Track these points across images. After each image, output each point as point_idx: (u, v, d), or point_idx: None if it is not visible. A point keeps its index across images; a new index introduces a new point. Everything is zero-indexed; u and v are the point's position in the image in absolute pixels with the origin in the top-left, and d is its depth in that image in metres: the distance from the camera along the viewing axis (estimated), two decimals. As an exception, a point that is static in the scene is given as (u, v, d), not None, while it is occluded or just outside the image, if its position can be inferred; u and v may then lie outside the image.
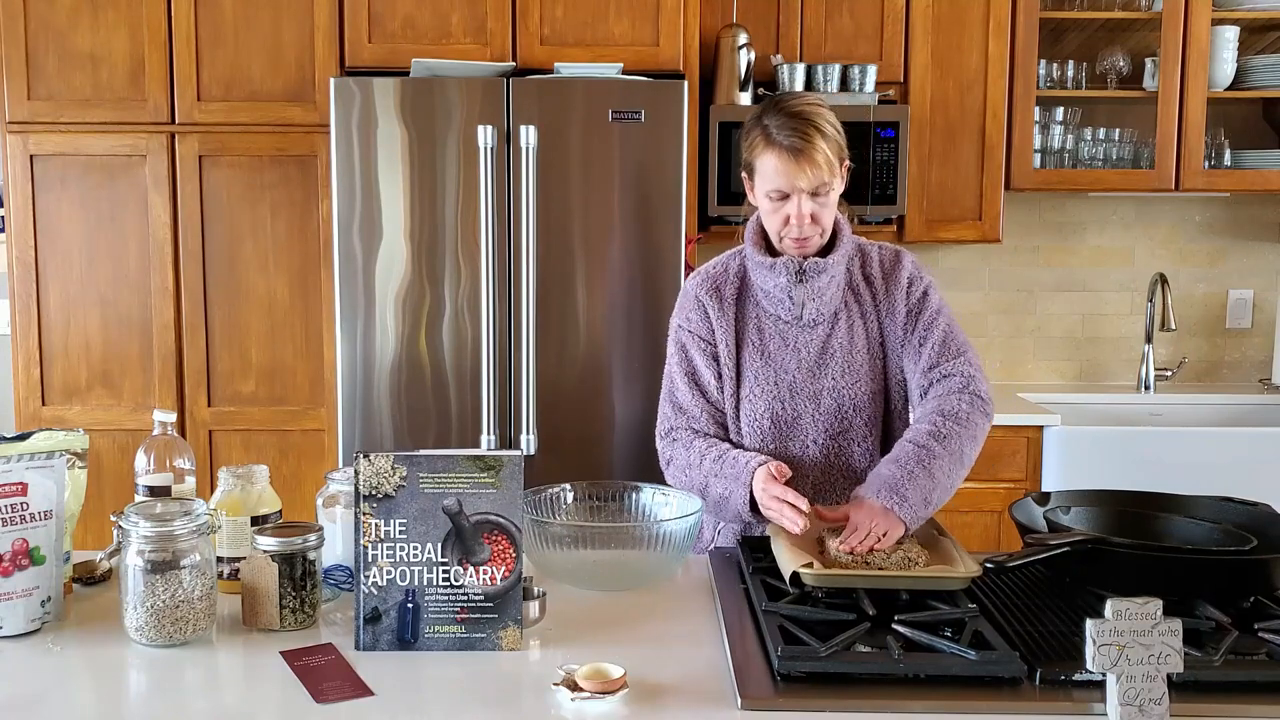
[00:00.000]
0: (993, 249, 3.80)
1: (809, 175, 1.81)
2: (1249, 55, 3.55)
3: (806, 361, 1.94)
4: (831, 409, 1.94)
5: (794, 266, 1.89)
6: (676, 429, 1.99)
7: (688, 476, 1.93)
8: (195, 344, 3.19)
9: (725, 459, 1.87)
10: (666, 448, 2.00)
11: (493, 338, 2.97)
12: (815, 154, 1.80)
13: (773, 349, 1.95)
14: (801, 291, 1.90)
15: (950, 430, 1.80)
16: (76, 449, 1.66)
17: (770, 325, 1.96)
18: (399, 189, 2.96)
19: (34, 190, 3.15)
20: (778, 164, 1.82)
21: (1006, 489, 3.25)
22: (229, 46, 3.11)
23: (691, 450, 1.93)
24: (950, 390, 1.87)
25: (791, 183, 1.82)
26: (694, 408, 1.98)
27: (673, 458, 1.97)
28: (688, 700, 1.32)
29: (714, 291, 1.98)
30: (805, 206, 1.83)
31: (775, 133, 1.82)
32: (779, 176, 1.83)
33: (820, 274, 1.89)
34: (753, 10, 3.42)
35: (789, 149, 1.80)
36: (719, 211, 3.34)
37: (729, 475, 1.84)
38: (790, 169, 1.81)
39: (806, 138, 1.80)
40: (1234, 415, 3.60)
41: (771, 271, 1.91)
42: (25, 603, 1.52)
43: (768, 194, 1.86)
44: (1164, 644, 1.21)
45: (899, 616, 1.44)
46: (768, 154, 1.83)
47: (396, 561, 1.47)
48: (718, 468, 1.87)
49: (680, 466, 1.95)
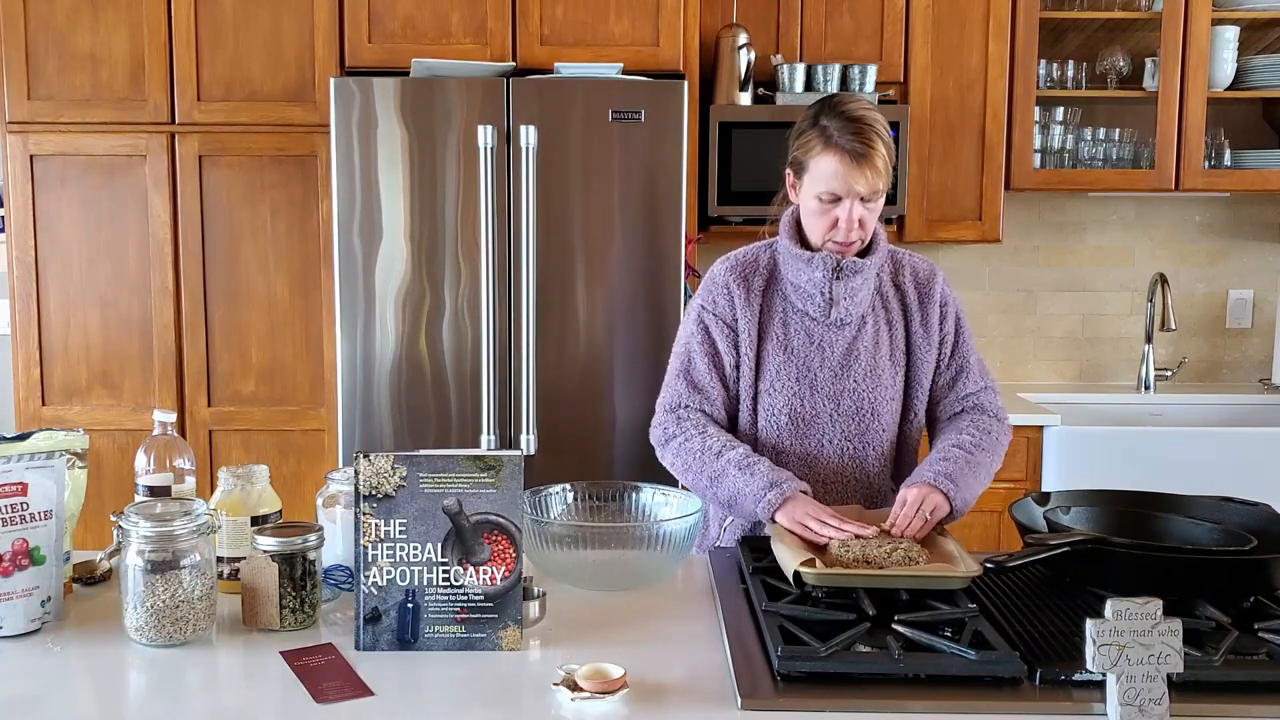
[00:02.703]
0: (993, 249, 3.80)
1: (868, 180, 1.81)
2: (1249, 55, 3.55)
3: (830, 361, 1.94)
4: (851, 410, 1.94)
5: (831, 263, 1.88)
6: (689, 407, 1.94)
7: (698, 461, 1.87)
8: (195, 344, 3.19)
9: (755, 461, 1.83)
10: (670, 423, 1.94)
11: (493, 338, 2.97)
12: (876, 159, 1.81)
13: (796, 344, 1.94)
14: (838, 289, 1.89)
15: (987, 444, 1.92)
16: (76, 449, 1.66)
17: (796, 321, 1.95)
18: (399, 189, 2.96)
19: (34, 190, 3.15)
20: (838, 167, 1.81)
21: (1006, 489, 3.25)
22: (229, 46, 3.11)
23: (707, 436, 1.88)
24: (983, 413, 1.99)
25: (849, 186, 1.82)
26: (711, 389, 1.94)
27: (677, 435, 1.92)
28: (688, 700, 1.32)
29: (742, 280, 1.96)
30: (856, 211, 1.84)
31: (837, 135, 1.81)
32: (836, 180, 1.82)
33: (856, 274, 1.90)
34: (753, 10, 3.42)
35: (851, 153, 1.80)
36: (719, 211, 3.34)
37: (760, 474, 1.80)
38: (851, 173, 1.81)
39: (869, 143, 1.80)
40: (1234, 415, 3.60)
41: (808, 266, 1.90)
42: (25, 603, 1.52)
43: (819, 195, 1.85)
44: (1164, 644, 1.21)
45: (899, 616, 1.44)
46: (826, 155, 1.82)
47: (396, 561, 1.47)
48: (747, 463, 1.82)
49: (691, 450, 1.89)
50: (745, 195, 3.32)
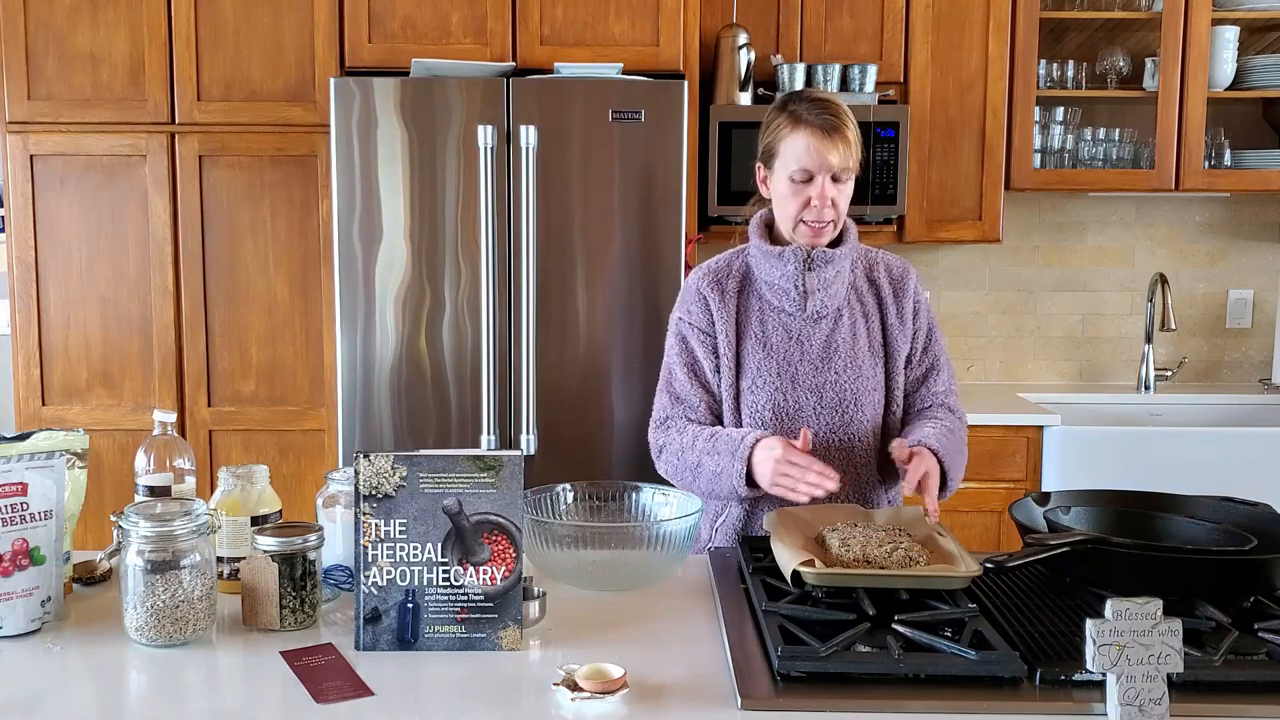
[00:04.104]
0: (993, 249, 3.80)
1: (839, 153, 1.85)
2: (1249, 55, 3.55)
3: (810, 354, 1.95)
4: (834, 402, 1.95)
5: (802, 254, 1.90)
6: (672, 418, 2.00)
7: (680, 460, 1.93)
8: (195, 344, 3.19)
9: (719, 435, 1.88)
10: (660, 436, 2.00)
11: (493, 338, 2.97)
12: (846, 133, 1.85)
13: (775, 341, 1.96)
14: (810, 279, 1.91)
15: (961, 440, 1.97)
16: (76, 449, 1.66)
17: (773, 318, 1.97)
18: (399, 189, 2.96)
19: (34, 190, 3.15)
20: (809, 141, 1.85)
21: (1006, 489, 3.25)
22: (229, 46, 3.11)
23: (685, 435, 1.94)
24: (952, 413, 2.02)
25: (821, 159, 1.85)
26: (692, 397, 1.99)
27: (665, 444, 1.98)
28: (688, 700, 1.32)
29: (715, 284, 1.99)
30: (829, 189, 1.86)
31: (805, 114, 1.86)
32: (808, 155, 1.85)
33: (828, 264, 1.92)
34: (753, 10, 3.42)
35: (821, 127, 1.84)
36: (719, 211, 3.34)
37: (723, 450, 1.85)
38: (823, 145, 1.84)
39: (838, 116, 1.86)
40: (1234, 415, 3.60)
41: (779, 260, 1.92)
42: (25, 603, 1.52)
43: (791, 175, 1.88)
44: (1164, 644, 1.21)
45: (899, 616, 1.44)
46: (797, 134, 1.86)
47: (396, 561, 1.47)
48: (711, 445, 1.87)
49: (674, 451, 1.95)
50: (745, 195, 3.26)
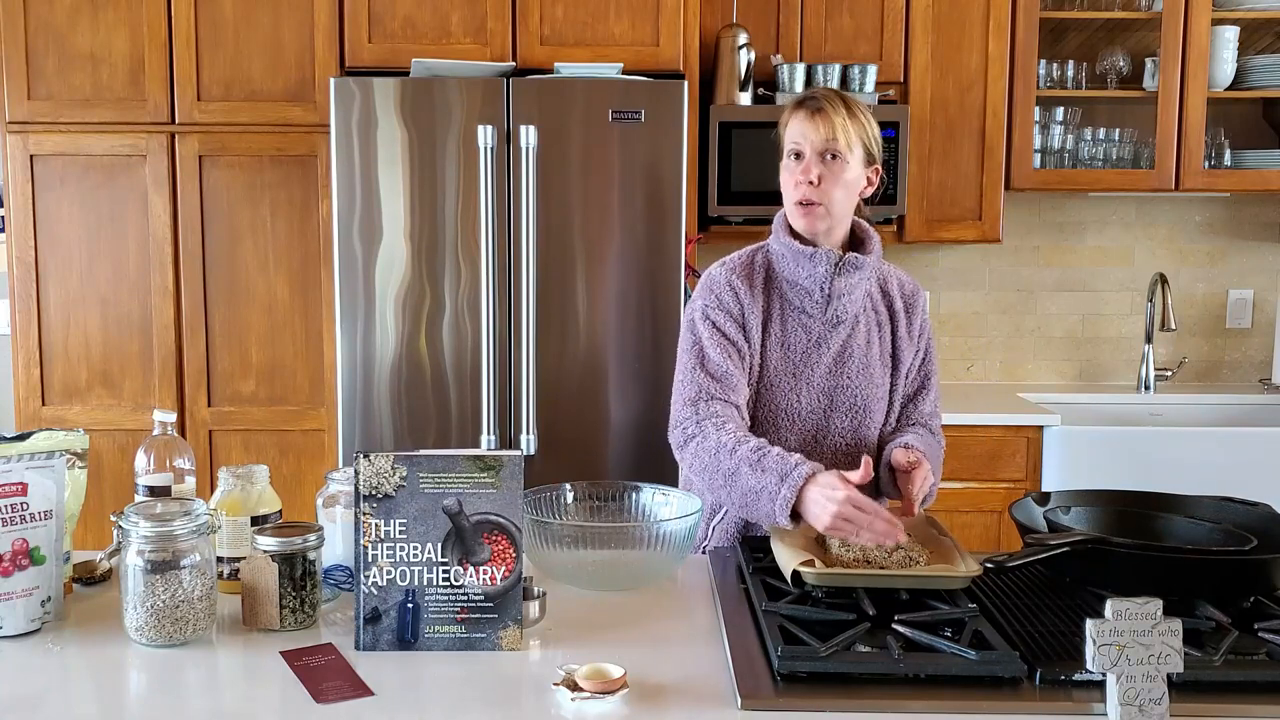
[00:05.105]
0: (993, 249, 3.80)
1: (823, 130, 1.88)
2: (1249, 55, 3.55)
3: (826, 358, 1.95)
4: (846, 407, 1.96)
5: (834, 257, 1.91)
6: (713, 398, 1.87)
7: (714, 460, 1.80)
8: (195, 344, 3.19)
9: (768, 451, 1.75)
10: (691, 423, 1.87)
11: (493, 338, 2.97)
12: (832, 115, 1.88)
13: (793, 341, 1.95)
14: (838, 284, 1.91)
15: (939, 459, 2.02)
16: (76, 449, 1.66)
17: (794, 318, 1.96)
18: (399, 189, 2.96)
19: (34, 190, 3.15)
20: (795, 123, 1.92)
21: (1006, 489, 3.25)
22: (229, 46, 3.12)
23: (724, 433, 1.81)
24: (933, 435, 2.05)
25: (804, 134, 1.89)
26: (731, 375, 1.89)
27: (697, 435, 1.84)
28: (688, 700, 1.32)
29: (745, 277, 1.97)
30: (814, 166, 1.89)
31: (799, 101, 1.94)
32: (797, 134, 1.91)
33: (856, 269, 1.93)
34: (753, 10, 3.42)
35: (807, 109, 1.91)
36: (719, 211, 3.34)
37: (771, 469, 1.71)
38: (806, 124, 1.90)
39: (828, 100, 1.90)
40: (1234, 415, 3.60)
41: (810, 261, 1.91)
42: (25, 603, 1.52)
43: (786, 156, 1.94)
44: (1164, 644, 1.21)
45: (899, 616, 1.44)
46: (792, 118, 1.93)
47: (396, 561, 1.47)
48: (757, 457, 1.74)
49: (708, 449, 1.81)
50: (745, 195, 3.32)
